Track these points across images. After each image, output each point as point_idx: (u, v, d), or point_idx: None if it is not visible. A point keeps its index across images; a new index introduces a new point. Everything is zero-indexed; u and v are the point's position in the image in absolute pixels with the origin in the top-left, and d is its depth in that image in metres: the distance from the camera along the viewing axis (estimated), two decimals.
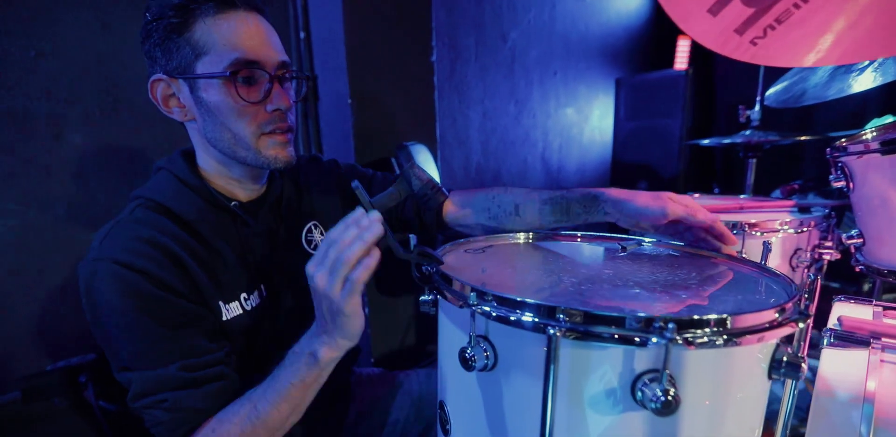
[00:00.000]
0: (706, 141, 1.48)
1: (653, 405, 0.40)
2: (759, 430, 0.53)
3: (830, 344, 0.66)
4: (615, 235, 0.80)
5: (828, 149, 0.94)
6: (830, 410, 0.59)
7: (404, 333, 1.73)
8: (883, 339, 0.64)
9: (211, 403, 0.66)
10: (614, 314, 0.41)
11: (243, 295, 0.75)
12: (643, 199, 0.69)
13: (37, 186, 1.10)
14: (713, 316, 0.41)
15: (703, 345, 0.40)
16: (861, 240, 0.94)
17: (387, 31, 1.64)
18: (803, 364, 0.46)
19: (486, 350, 0.48)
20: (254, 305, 0.76)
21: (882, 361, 0.62)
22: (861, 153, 0.87)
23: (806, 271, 0.96)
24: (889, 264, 0.89)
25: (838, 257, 1.05)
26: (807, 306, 0.47)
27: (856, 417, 0.56)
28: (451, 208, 0.90)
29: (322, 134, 1.63)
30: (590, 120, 3.38)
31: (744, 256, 0.92)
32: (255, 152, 0.71)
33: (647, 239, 0.76)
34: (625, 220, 0.73)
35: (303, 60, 1.59)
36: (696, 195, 1.27)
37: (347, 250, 0.57)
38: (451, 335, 0.56)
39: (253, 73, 0.68)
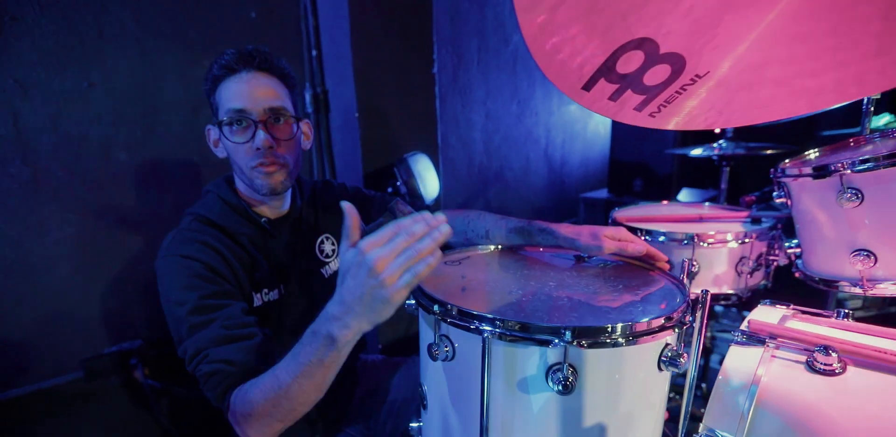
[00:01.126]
0: (698, 151, 1.57)
1: (556, 388, 0.56)
2: (660, 408, 0.69)
3: (736, 342, 0.80)
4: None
5: (772, 169, 1.07)
6: (725, 392, 0.74)
7: (409, 323, 1.92)
8: (778, 339, 0.78)
9: (244, 356, 0.78)
10: (532, 323, 0.57)
11: (264, 290, 0.95)
12: (585, 239, 0.85)
13: (91, 198, 1.29)
14: (603, 325, 0.57)
15: (592, 346, 0.56)
16: (799, 250, 1.08)
17: (391, 48, 1.78)
18: (682, 359, 0.62)
19: (446, 346, 0.65)
20: (271, 299, 0.96)
21: (773, 356, 0.76)
22: (796, 176, 0.99)
23: (750, 275, 1.10)
24: (818, 273, 1.03)
25: (786, 262, 1.19)
26: (685, 316, 0.62)
27: (742, 397, 0.72)
28: None
29: (333, 143, 1.79)
30: (594, 114, 3.47)
31: (694, 263, 1.06)
32: (249, 181, 0.92)
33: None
34: (575, 249, 0.90)
35: (315, 76, 1.75)
36: (665, 203, 1.41)
37: (419, 243, 0.61)
38: (425, 333, 0.72)
39: (240, 119, 0.88)
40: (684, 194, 2.58)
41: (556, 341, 0.55)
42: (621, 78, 0.54)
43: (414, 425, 0.81)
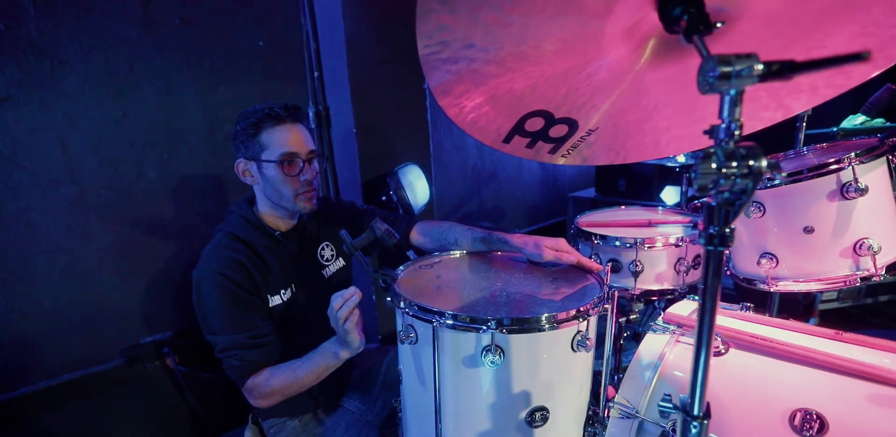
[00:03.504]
0: (682, 158, 1.74)
1: (488, 363, 0.76)
2: (578, 383, 0.88)
3: (652, 330, 0.99)
4: None
5: None
6: (636, 369, 0.94)
7: None
8: (683, 327, 0.97)
9: (262, 359, 1.10)
10: (469, 315, 0.77)
11: (281, 291, 1.19)
12: (529, 248, 1.06)
13: (127, 211, 1.52)
14: (525, 316, 0.77)
15: (512, 332, 0.76)
16: (728, 252, 1.25)
17: (384, 69, 1.96)
18: (588, 342, 0.81)
19: (411, 333, 0.85)
20: (287, 298, 1.19)
21: (677, 341, 0.95)
22: None
23: (686, 273, 1.28)
24: (742, 273, 1.20)
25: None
26: (589, 310, 0.81)
27: (649, 372, 0.91)
28: (416, 236, 1.33)
29: (335, 156, 1.99)
30: None
31: (639, 264, 1.25)
32: (293, 205, 1.16)
33: None
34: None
35: (317, 94, 1.94)
36: (623, 207, 1.59)
37: (340, 311, 0.96)
38: (398, 322, 0.93)
39: (293, 159, 1.12)
40: (667, 192, 2.73)
41: (485, 328, 0.75)
42: (531, 134, 0.73)
43: (397, 399, 1.02)
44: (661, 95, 0.67)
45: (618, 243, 1.30)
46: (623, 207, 1.58)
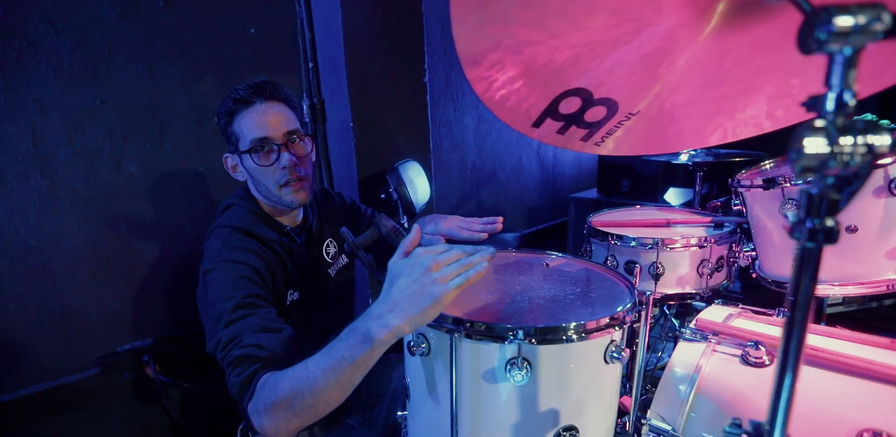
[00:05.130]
0: (684, 157, 1.66)
1: (514, 379, 0.67)
2: (609, 397, 0.79)
3: (684, 338, 0.91)
4: (544, 251, 1.06)
5: (729, 180, 1.16)
6: (670, 381, 0.85)
7: None
8: (719, 335, 0.88)
9: (275, 344, 0.82)
10: (492, 324, 0.68)
11: (290, 291, 1.08)
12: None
13: (104, 208, 1.40)
14: (554, 325, 0.67)
15: (542, 342, 0.67)
16: (755, 253, 1.18)
17: (383, 59, 1.87)
18: (623, 353, 0.72)
19: (423, 343, 0.75)
20: (294, 299, 1.09)
21: (714, 351, 0.87)
22: (749, 187, 1.09)
23: (710, 276, 1.20)
24: (772, 275, 1.13)
25: (747, 263, 1.28)
26: (626, 316, 0.72)
27: (684, 386, 0.82)
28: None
29: (330, 151, 1.89)
30: None
31: (660, 266, 1.16)
32: (278, 198, 1.05)
33: (556, 254, 1.01)
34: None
35: (311, 87, 1.84)
36: (638, 207, 1.51)
37: (471, 256, 0.67)
38: None
39: (265, 145, 0.99)
40: (671, 194, 2.67)
41: (512, 338, 0.66)
42: (565, 117, 0.64)
43: (401, 413, 0.92)
44: (718, 71, 0.59)
45: (634, 244, 1.22)
46: (638, 206, 1.50)
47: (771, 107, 0.62)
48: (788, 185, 0.95)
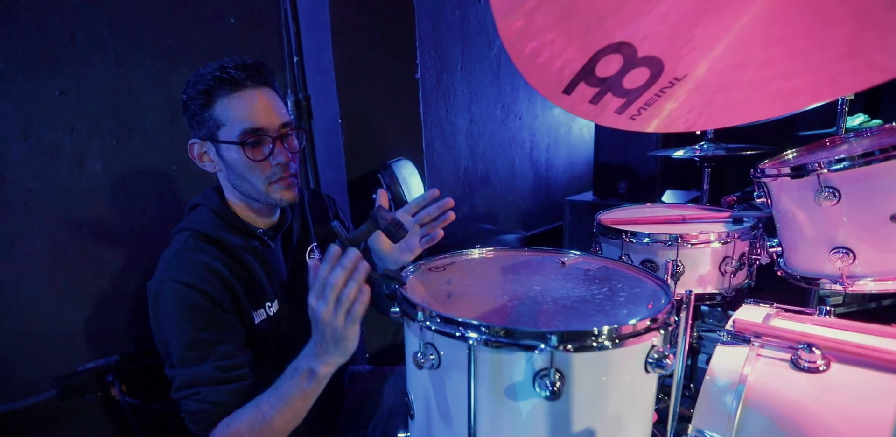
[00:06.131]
0: (680, 152, 1.60)
1: (543, 394, 0.56)
2: (646, 411, 0.69)
3: (722, 342, 0.81)
4: (557, 249, 0.95)
5: (752, 170, 1.08)
6: (712, 392, 0.75)
7: (395, 330, 1.89)
8: (762, 338, 0.79)
9: (233, 398, 0.82)
10: (517, 328, 0.56)
11: (267, 303, 0.94)
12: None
13: (64, 210, 1.25)
14: (589, 329, 0.57)
15: (580, 350, 0.56)
16: (780, 248, 1.09)
17: (373, 53, 1.77)
18: (667, 360, 0.62)
19: (432, 354, 0.64)
20: (274, 312, 0.95)
21: (758, 355, 0.77)
22: (775, 176, 1.01)
23: (733, 275, 1.11)
24: (800, 271, 1.04)
25: (768, 260, 1.20)
26: (670, 317, 0.62)
27: (730, 397, 0.72)
28: None
29: (316, 150, 1.77)
30: (577, 118, 3.50)
31: (679, 265, 1.07)
32: (265, 196, 0.91)
33: (576, 252, 0.91)
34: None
35: (297, 82, 1.73)
36: (648, 204, 1.42)
37: (345, 290, 0.71)
38: (410, 341, 0.71)
39: (259, 137, 0.87)
40: (668, 196, 2.61)
41: (543, 346, 0.55)
42: (601, 81, 0.54)
43: (402, 435, 0.79)
44: (793, 22, 0.50)
45: (647, 240, 1.13)
46: (648, 203, 1.42)
47: (836, 70, 0.54)
48: (825, 171, 0.87)
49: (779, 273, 1.11)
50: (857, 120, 2.58)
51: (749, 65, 0.56)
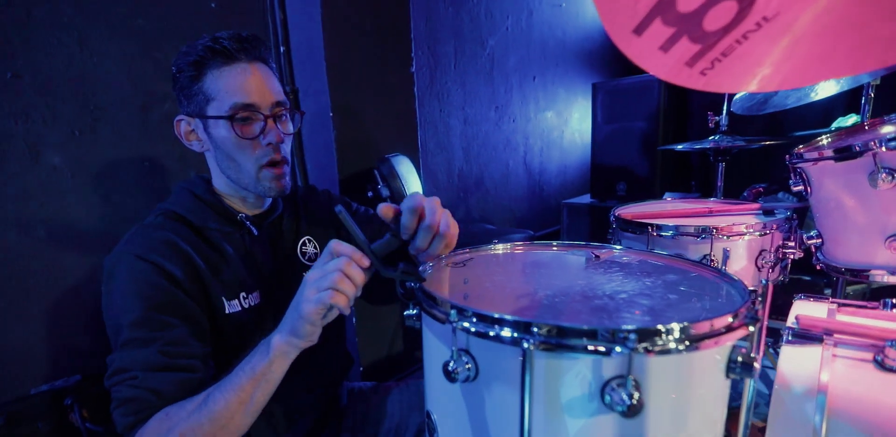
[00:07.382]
0: (680, 146, 1.54)
1: (619, 408, 0.44)
2: (720, 425, 0.57)
3: (788, 342, 0.71)
4: (589, 243, 0.85)
5: (787, 156, 1.00)
6: (788, 402, 0.64)
7: (391, 341, 1.75)
8: (835, 335, 0.69)
9: (173, 389, 0.69)
10: (582, 327, 0.45)
11: (242, 294, 0.83)
12: None
13: (15, 209, 1.09)
14: (672, 325, 0.45)
15: (662, 352, 0.44)
16: (820, 240, 1.01)
17: (366, 45, 1.67)
18: (756, 364, 0.51)
19: (467, 363, 0.51)
20: (252, 304, 0.84)
21: (834, 355, 0.67)
22: (816, 160, 0.93)
23: (771, 270, 1.02)
24: (845, 263, 0.95)
25: (801, 255, 1.12)
26: (757, 310, 0.51)
27: (810, 408, 0.61)
28: None
29: (304, 146, 1.64)
30: (570, 123, 3.45)
31: (712, 259, 0.97)
32: (255, 182, 0.83)
33: (617, 247, 0.80)
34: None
35: (283, 74, 1.61)
36: (669, 199, 1.33)
37: (344, 276, 0.64)
38: (435, 349, 0.59)
39: (249, 114, 0.79)
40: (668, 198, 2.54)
41: (618, 348, 0.43)
42: (680, 18, 0.44)
43: None
44: None
45: (676, 234, 1.03)
46: (668, 198, 1.33)
47: None
48: (883, 149, 0.79)
49: (818, 267, 1.02)
50: (849, 120, 2.58)
51: (835, 7, 0.47)
